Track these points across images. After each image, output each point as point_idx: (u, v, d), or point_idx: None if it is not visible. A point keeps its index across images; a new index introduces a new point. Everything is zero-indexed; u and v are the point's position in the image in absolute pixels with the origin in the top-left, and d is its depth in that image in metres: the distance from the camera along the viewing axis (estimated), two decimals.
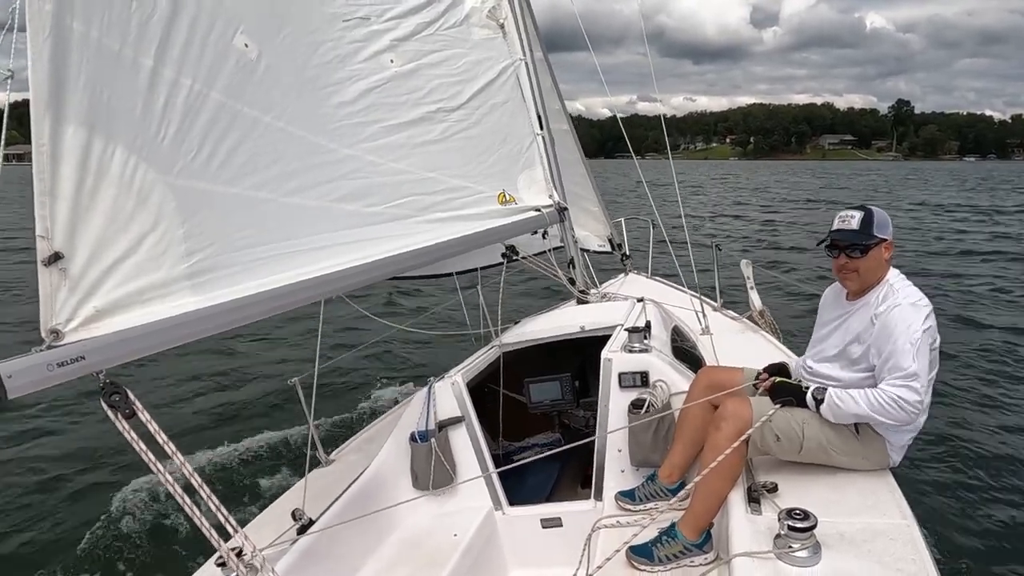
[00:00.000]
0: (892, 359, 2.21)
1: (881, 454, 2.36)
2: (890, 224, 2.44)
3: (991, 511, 4.35)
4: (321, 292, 2.43)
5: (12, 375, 1.49)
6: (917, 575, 1.79)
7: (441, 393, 2.99)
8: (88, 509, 4.22)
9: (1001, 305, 10.37)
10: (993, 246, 16.81)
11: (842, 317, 2.48)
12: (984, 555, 3.87)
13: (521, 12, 3.89)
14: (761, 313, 4.15)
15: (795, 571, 1.83)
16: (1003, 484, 4.71)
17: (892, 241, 2.42)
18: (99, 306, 1.73)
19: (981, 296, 10.96)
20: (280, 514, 2.68)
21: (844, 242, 2.40)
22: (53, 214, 1.69)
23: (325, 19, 2.81)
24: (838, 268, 2.46)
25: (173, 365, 6.21)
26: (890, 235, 2.42)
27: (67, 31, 1.80)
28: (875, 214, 2.41)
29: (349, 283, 2.54)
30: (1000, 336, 8.40)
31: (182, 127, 2.10)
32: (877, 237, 2.38)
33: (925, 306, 2.29)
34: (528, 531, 2.90)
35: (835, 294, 2.61)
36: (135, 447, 1.72)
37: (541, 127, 3.86)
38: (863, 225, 2.38)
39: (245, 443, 5.05)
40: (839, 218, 2.45)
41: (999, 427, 5.68)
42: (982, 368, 7.14)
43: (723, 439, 2.31)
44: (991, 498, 4.53)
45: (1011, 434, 5.52)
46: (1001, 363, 7.34)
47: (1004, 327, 8.83)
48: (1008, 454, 5.14)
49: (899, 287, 2.35)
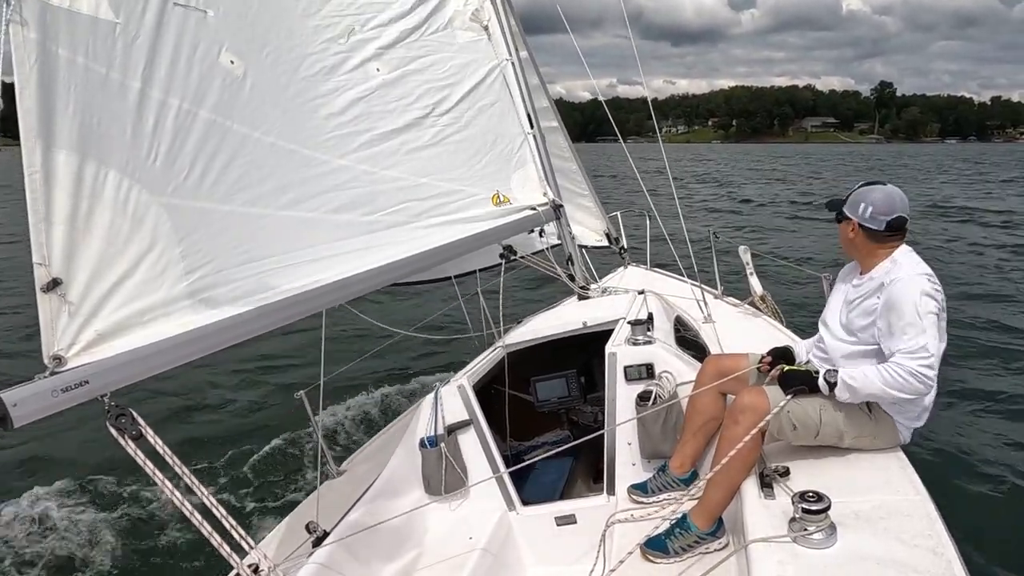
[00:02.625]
0: (900, 333, 2.20)
1: (892, 432, 2.36)
2: (865, 208, 2.35)
3: (1003, 484, 4.35)
4: (321, 303, 2.44)
5: (17, 403, 1.49)
6: (935, 549, 1.79)
7: (448, 397, 2.99)
8: (99, 531, 4.19)
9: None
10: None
11: (851, 291, 2.47)
12: (999, 527, 3.87)
13: (504, 12, 3.89)
14: (762, 298, 4.15)
15: (812, 553, 1.83)
16: (1014, 457, 4.71)
17: (859, 224, 2.37)
18: (100, 329, 1.73)
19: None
20: (294, 528, 2.68)
21: (830, 207, 2.50)
22: (49, 240, 1.70)
23: (309, 32, 2.82)
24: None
25: (178, 382, 6.19)
26: (858, 217, 2.37)
27: (53, 58, 1.82)
28: (855, 193, 2.42)
29: (348, 292, 2.54)
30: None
31: (173, 147, 2.11)
32: (844, 214, 2.42)
33: (929, 279, 2.27)
34: (543, 530, 2.90)
35: (850, 268, 2.59)
36: (145, 468, 1.72)
37: (531, 126, 3.86)
38: (847, 198, 2.45)
39: (254, 458, 5.03)
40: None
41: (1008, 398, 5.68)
42: (983, 343, 7.15)
43: (741, 432, 2.28)
44: (1002, 472, 4.53)
45: (1020, 404, 5.52)
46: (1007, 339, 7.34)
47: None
48: (1018, 426, 5.14)
49: (904, 262, 2.34)
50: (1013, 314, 8.43)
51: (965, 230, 16.33)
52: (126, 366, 1.72)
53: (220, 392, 6.36)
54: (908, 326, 2.18)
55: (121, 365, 1.72)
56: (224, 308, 2.05)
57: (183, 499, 1.78)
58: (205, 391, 6.33)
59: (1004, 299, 9.24)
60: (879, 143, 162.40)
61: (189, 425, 5.73)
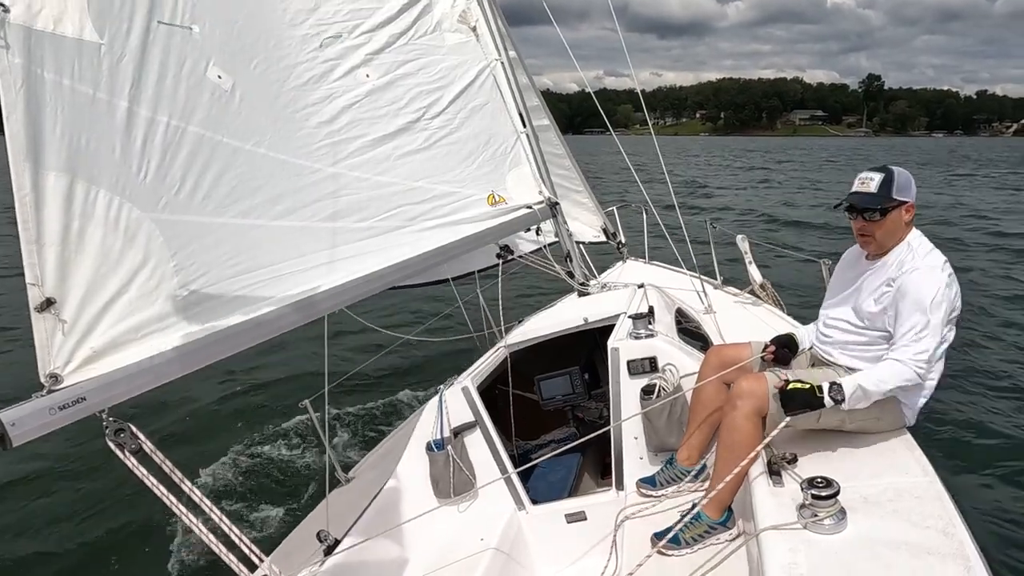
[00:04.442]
0: (906, 325, 2.19)
1: (897, 415, 2.34)
2: (913, 185, 2.35)
3: (1012, 461, 4.32)
4: (317, 311, 2.44)
5: (15, 423, 1.50)
6: (945, 530, 1.78)
7: (452, 400, 2.99)
8: (104, 549, 4.14)
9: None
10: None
11: (860, 278, 2.44)
12: (1009, 505, 3.84)
13: (492, 13, 3.89)
14: (762, 286, 4.14)
15: (823, 539, 1.82)
16: (1022, 434, 4.68)
17: (913, 203, 2.35)
18: (96, 347, 1.74)
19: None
20: (305, 538, 2.68)
21: (861, 205, 2.33)
22: (42, 261, 1.70)
23: (296, 42, 2.82)
24: (856, 231, 2.40)
25: (179, 394, 6.14)
26: (912, 197, 2.34)
27: (39, 82, 1.82)
28: (896, 175, 2.32)
29: (344, 299, 2.54)
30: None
31: (163, 163, 2.11)
32: (896, 200, 2.30)
33: (944, 270, 2.24)
34: (553, 528, 2.90)
35: (855, 254, 2.55)
36: (147, 483, 1.72)
37: (524, 124, 3.86)
38: (882, 187, 2.31)
39: (260, 468, 5.01)
40: (858, 180, 2.37)
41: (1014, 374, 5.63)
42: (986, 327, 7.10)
43: (740, 417, 2.29)
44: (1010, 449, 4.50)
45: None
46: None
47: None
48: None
49: (919, 250, 2.30)
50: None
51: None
52: (123, 381, 1.73)
53: (222, 403, 6.33)
54: (916, 320, 2.17)
55: (118, 381, 1.72)
56: (220, 320, 2.06)
57: (188, 514, 1.78)
58: (207, 402, 6.29)
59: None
60: (868, 136, 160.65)
61: (191, 437, 5.69)
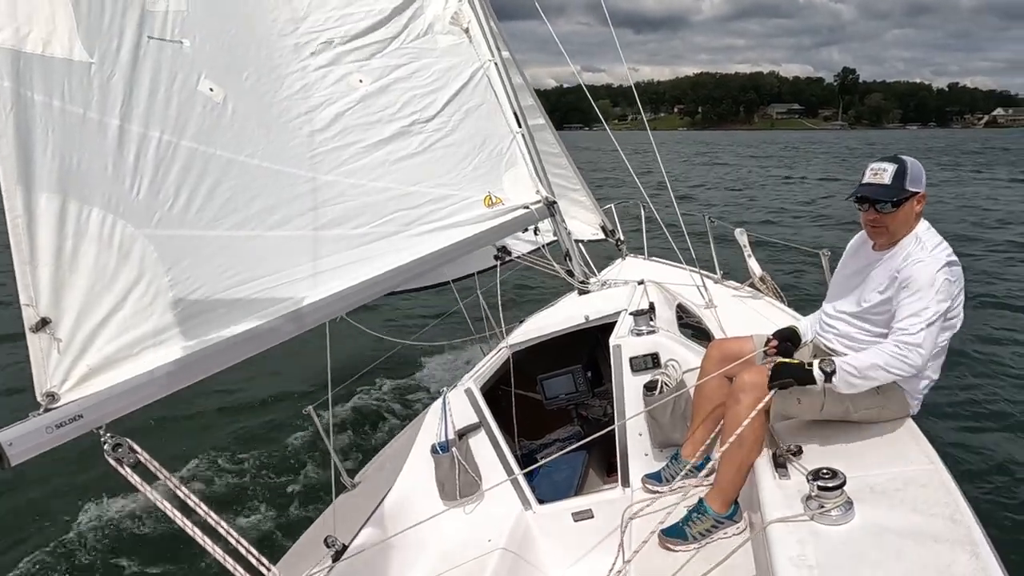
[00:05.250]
0: (903, 313, 2.17)
1: (901, 403, 2.32)
2: (924, 176, 2.31)
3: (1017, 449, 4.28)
4: (315, 319, 2.45)
5: (12, 442, 1.52)
6: (952, 517, 1.77)
7: (456, 401, 3.00)
8: (108, 564, 4.13)
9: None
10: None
11: (866, 268, 2.41)
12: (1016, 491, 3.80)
13: (484, 13, 3.88)
14: (762, 279, 4.12)
15: (831, 530, 1.81)
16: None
17: (925, 193, 2.31)
18: (92, 364, 1.75)
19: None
20: (312, 544, 2.69)
21: (875, 197, 2.28)
22: (36, 281, 1.71)
23: (288, 51, 2.82)
24: (867, 222, 2.36)
25: (179, 407, 6.12)
26: (923, 187, 2.30)
27: (28, 104, 1.83)
28: (909, 166, 2.28)
29: (344, 306, 2.55)
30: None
31: (156, 179, 2.12)
32: (909, 191, 2.26)
33: (950, 263, 2.21)
34: (561, 526, 2.90)
35: (860, 243, 2.52)
36: (149, 496, 1.73)
37: (519, 124, 3.85)
38: (895, 179, 2.26)
39: (264, 476, 5.01)
40: (870, 170, 2.32)
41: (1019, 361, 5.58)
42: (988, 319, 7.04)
43: (743, 411, 2.27)
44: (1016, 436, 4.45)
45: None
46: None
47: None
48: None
49: (926, 242, 2.27)
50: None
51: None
52: (119, 397, 1.74)
53: (224, 413, 6.30)
54: (918, 311, 2.15)
55: (114, 397, 1.74)
56: (217, 332, 2.06)
57: (192, 526, 1.79)
58: (208, 413, 6.27)
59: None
60: (843, 129, 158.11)
61: (193, 448, 5.67)
